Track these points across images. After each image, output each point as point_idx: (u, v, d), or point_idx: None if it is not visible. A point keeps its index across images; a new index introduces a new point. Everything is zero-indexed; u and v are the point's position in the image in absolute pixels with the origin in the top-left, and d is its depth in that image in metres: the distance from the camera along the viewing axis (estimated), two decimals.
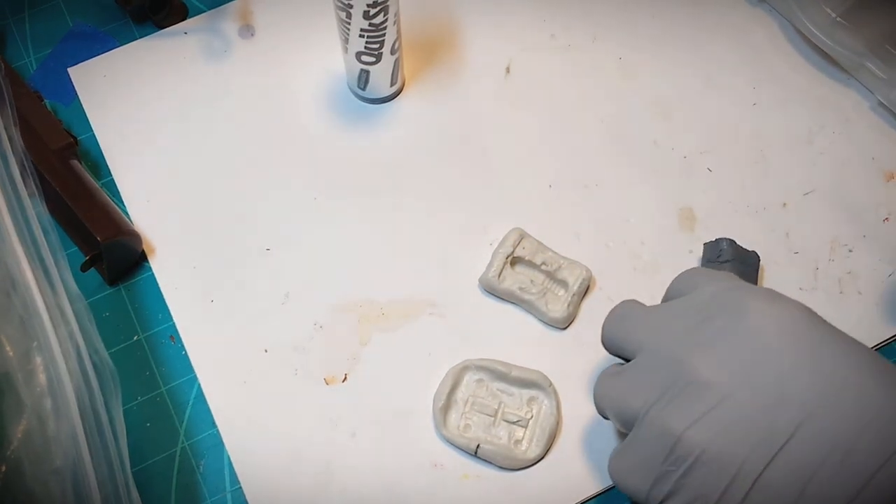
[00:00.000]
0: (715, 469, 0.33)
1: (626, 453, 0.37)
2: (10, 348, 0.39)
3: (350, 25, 0.46)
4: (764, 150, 0.52)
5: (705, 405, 0.34)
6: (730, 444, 0.33)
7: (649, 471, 0.35)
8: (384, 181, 0.51)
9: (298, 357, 0.47)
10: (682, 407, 0.35)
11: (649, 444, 0.35)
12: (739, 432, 0.33)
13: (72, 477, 0.37)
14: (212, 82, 0.54)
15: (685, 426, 0.34)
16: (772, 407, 0.33)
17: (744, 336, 0.35)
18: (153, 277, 0.49)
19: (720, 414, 0.34)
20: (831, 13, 0.52)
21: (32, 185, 0.43)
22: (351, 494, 0.44)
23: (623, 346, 0.40)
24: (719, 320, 0.36)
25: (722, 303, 0.37)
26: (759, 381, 0.34)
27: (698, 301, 0.38)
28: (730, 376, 0.34)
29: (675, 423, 0.34)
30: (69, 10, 0.57)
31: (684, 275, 0.41)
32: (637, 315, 0.40)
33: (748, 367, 0.34)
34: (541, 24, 0.56)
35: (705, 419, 0.34)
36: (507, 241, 0.48)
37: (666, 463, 0.35)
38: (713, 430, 0.34)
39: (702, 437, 0.34)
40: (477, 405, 0.45)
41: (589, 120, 0.53)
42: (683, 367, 0.35)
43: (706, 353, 0.35)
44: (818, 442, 0.32)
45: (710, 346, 0.35)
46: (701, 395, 0.34)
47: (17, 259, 0.40)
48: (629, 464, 0.37)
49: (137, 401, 0.46)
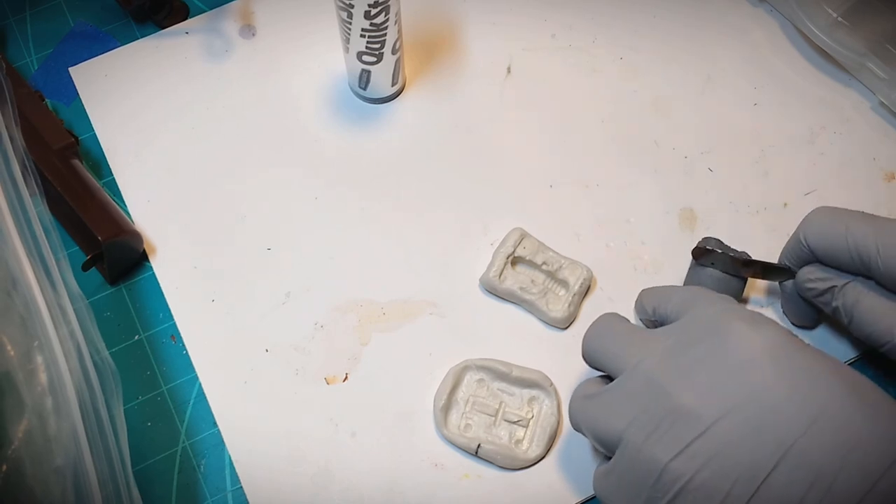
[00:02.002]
0: (700, 498, 0.34)
1: (611, 475, 0.37)
2: (11, 347, 0.39)
3: (351, 25, 0.46)
4: (765, 150, 0.52)
5: (690, 434, 0.34)
6: (714, 474, 0.34)
7: (636, 496, 0.36)
8: (385, 181, 0.51)
9: (299, 357, 0.47)
10: (666, 435, 0.35)
11: (635, 471, 0.36)
12: (724, 462, 0.34)
13: (72, 476, 0.37)
14: (213, 82, 0.54)
15: (670, 456, 0.34)
16: (755, 436, 0.33)
17: (725, 363, 0.35)
18: (154, 277, 0.49)
19: (705, 443, 0.34)
20: (832, 13, 0.52)
21: (33, 185, 0.43)
22: (351, 494, 0.44)
23: (603, 362, 0.40)
24: (701, 346, 0.36)
25: (703, 327, 0.37)
26: (742, 409, 0.34)
27: (680, 324, 0.38)
28: (713, 405, 0.34)
29: (660, 452, 0.35)
30: (70, 9, 0.57)
31: (665, 293, 0.41)
32: (618, 333, 0.40)
33: (730, 396, 0.34)
34: (541, 25, 0.56)
35: (690, 449, 0.34)
36: (508, 241, 0.48)
37: (652, 490, 0.35)
38: (698, 460, 0.34)
39: (687, 467, 0.34)
40: (478, 405, 0.45)
41: (590, 120, 0.53)
42: (666, 393, 0.35)
43: (688, 379, 0.35)
44: (801, 473, 0.33)
45: (692, 373, 0.35)
46: (685, 424, 0.35)
47: (18, 258, 0.40)
48: (615, 486, 0.37)
49: (138, 400, 0.46)
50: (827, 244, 0.40)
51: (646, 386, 0.36)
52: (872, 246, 0.39)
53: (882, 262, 0.38)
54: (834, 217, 0.41)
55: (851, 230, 0.39)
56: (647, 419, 0.36)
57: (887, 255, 0.38)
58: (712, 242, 0.46)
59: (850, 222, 0.40)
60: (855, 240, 0.39)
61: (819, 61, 0.54)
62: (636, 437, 0.36)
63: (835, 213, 0.41)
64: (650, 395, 0.36)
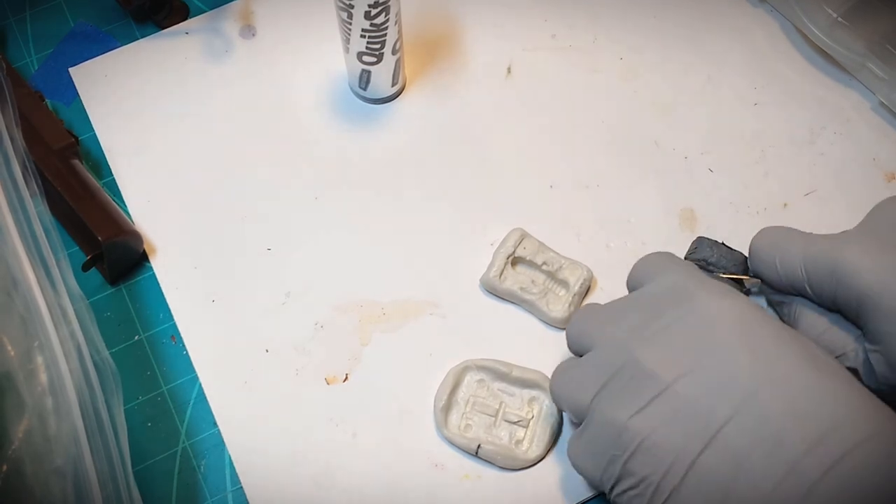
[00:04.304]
0: (656, 455, 0.35)
1: (580, 439, 0.39)
2: (11, 348, 0.39)
3: (351, 26, 0.46)
4: (765, 151, 0.52)
5: (649, 394, 0.36)
6: (670, 432, 0.35)
7: (601, 456, 0.37)
8: (385, 181, 0.51)
9: (299, 357, 0.47)
10: (626, 397, 0.37)
11: (599, 432, 0.37)
12: (680, 420, 0.35)
13: (73, 476, 0.37)
14: (213, 82, 0.54)
15: (629, 415, 0.36)
16: (712, 396, 0.35)
17: (690, 327, 0.37)
18: (154, 277, 0.49)
19: (663, 402, 0.36)
20: (832, 13, 0.52)
21: (34, 185, 0.43)
22: (351, 494, 0.44)
23: (581, 343, 0.41)
24: (668, 313, 0.38)
25: (672, 295, 0.39)
26: (702, 371, 0.36)
27: (650, 294, 0.40)
28: (673, 367, 0.36)
29: (620, 412, 0.37)
30: (70, 9, 0.57)
31: (641, 263, 0.42)
32: (594, 312, 0.41)
33: (692, 358, 0.36)
34: (542, 25, 0.56)
35: (648, 408, 0.36)
36: (508, 241, 0.48)
37: (614, 448, 0.37)
38: (655, 419, 0.36)
39: (644, 425, 0.36)
40: (478, 405, 0.45)
41: (590, 120, 0.53)
42: (629, 359, 0.37)
43: (652, 345, 0.37)
44: (751, 430, 0.34)
45: (656, 339, 0.37)
46: (646, 385, 0.36)
47: (18, 258, 0.40)
48: (583, 449, 0.39)
49: (138, 400, 0.46)
50: (767, 277, 0.43)
51: (614, 354, 0.38)
52: (801, 278, 0.40)
53: (813, 294, 0.40)
54: (768, 245, 0.42)
55: (782, 264, 0.41)
56: (613, 384, 0.37)
57: (813, 288, 0.40)
58: (706, 242, 0.45)
59: (781, 251, 0.41)
60: (787, 275, 0.41)
61: (819, 61, 0.54)
62: (602, 401, 0.38)
63: (768, 241, 0.42)
64: (617, 362, 0.38)
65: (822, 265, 0.39)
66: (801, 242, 0.41)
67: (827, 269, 0.39)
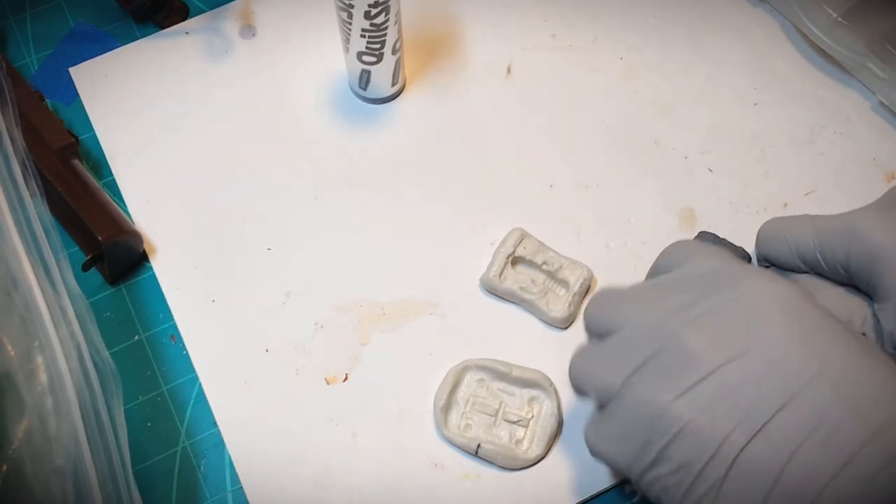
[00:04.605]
0: (699, 441, 0.33)
1: (606, 422, 0.37)
2: (11, 348, 0.39)
3: (351, 25, 0.46)
4: (765, 151, 0.52)
5: (693, 378, 0.34)
6: (715, 418, 0.33)
7: (632, 440, 0.35)
8: (385, 181, 0.51)
9: (299, 357, 0.47)
10: (668, 379, 0.35)
11: (632, 414, 0.35)
12: (726, 406, 0.33)
13: (73, 476, 0.37)
14: (213, 82, 0.54)
15: (671, 398, 0.34)
16: (761, 382, 0.33)
17: (739, 312, 0.35)
18: (154, 277, 0.49)
19: (707, 386, 0.34)
20: (832, 13, 0.52)
21: (34, 185, 0.43)
22: (351, 494, 0.44)
23: (606, 322, 0.39)
24: (714, 297, 0.36)
25: (718, 279, 0.37)
26: (749, 356, 0.34)
27: (688, 276, 0.38)
28: (720, 351, 0.34)
29: (661, 394, 0.34)
30: (70, 9, 0.57)
31: (673, 248, 0.41)
32: (618, 293, 0.40)
33: (740, 343, 0.34)
34: (542, 24, 0.56)
35: (692, 391, 0.34)
36: (508, 241, 0.48)
37: (650, 432, 0.35)
38: (699, 403, 0.34)
39: (687, 409, 0.34)
40: (478, 405, 0.45)
41: (590, 120, 0.53)
42: (672, 340, 0.35)
43: (697, 327, 0.35)
44: (803, 419, 0.32)
45: (701, 321, 0.35)
46: (689, 368, 0.34)
47: (18, 258, 0.40)
48: (609, 433, 0.37)
49: (138, 400, 0.46)
50: (775, 253, 0.42)
51: (650, 334, 0.36)
52: (812, 246, 0.40)
53: (823, 261, 0.40)
54: (776, 226, 0.42)
55: (792, 236, 0.41)
56: (651, 365, 0.35)
57: (825, 253, 0.40)
58: (709, 237, 0.45)
59: (790, 228, 0.41)
60: (797, 245, 0.41)
61: (819, 61, 0.54)
62: (638, 382, 0.35)
63: (777, 223, 0.43)
64: (655, 343, 0.36)
65: (835, 230, 0.39)
66: (811, 218, 0.41)
67: (839, 232, 0.39)
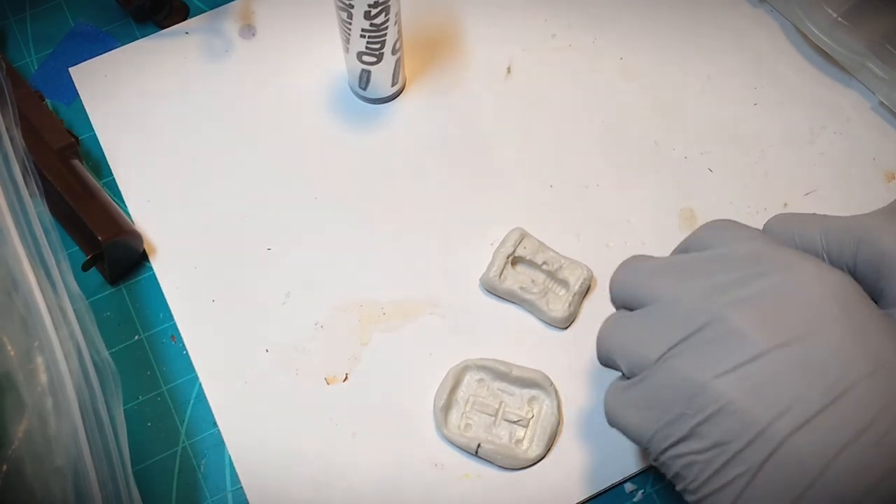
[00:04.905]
0: (740, 423, 0.32)
1: (632, 391, 0.36)
2: (11, 348, 0.39)
3: (351, 26, 0.46)
4: (765, 151, 0.52)
5: (739, 358, 0.33)
6: (759, 402, 0.32)
7: (660, 412, 0.34)
8: (385, 181, 0.51)
9: (299, 357, 0.47)
10: (712, 356, 0.33)
11: (665, 387, 0.34)
12: (773, 391, 0.32)
13: (73, 476, 0.37)
14: (213, 82, 0.54)
15: (714, 375, 0.33)
16: (812, 373, 0.32)
17: (791, 297, 0.34)
18: (154, 277, 0.49)
19: (756, 368, 0.32)
20: (832, 13, 0.52)
21: (34, 185, 0.43)
22: (351, 494, 0.44)
23: (638, 294, 0.38)
24: (765, 279, 0.34)
25: (766, 261, 0.35)
26: (802, 344, 0.32)
27: (733, 257, 0.36)
28: (770, 335, 0.33)
29: (702, 370, 0.33)
30: (70, 9, 0.57)
31: (708, 228, 0.40)
32: (655, 264, 0.38)
33: (791, 329, 0.33)
34: (542, 25, 0.56)
35: (737, 371, 0.32)
36: (508, 241, 0.48)
37: (685, 406, 0.33)
38: (745, 384, 0.32)
39: (731, 388, 0.32)
40: (478, 405, 0.45)
41: (590, 120, 0.53)
42: (718, 318, 0.34)
43: (747, 307, 0.34)
44: (855, 417, 0.31)
45: (750, 302, 0.34)
46: (735, 347, 0.33)
47: (18, 259, 0.40)
48: (634, 401, 0.35)
49: (138, 400, 0.46)
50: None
51: (693, 310, 0.34)
52: (819, 245, 0.39)
53: (829, 261, 0.39)
54: (784, 222, 0.41)
55: (799, 233, 0.40)
56: (692, 341, 0.34)
57: (832, 253, 0.39)
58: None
59: (798, 225, 0.40)
60: (803, 242, 0.39)
61: (819, 61, 0.54)
62: (678, 357, 0.34)
63: (785, 218, 0.41)
64: (697, 319, 0.34)
65: (844, 230, 0.38)
66: (820, 217, 0.40)
67: (849, 233, 0.37)
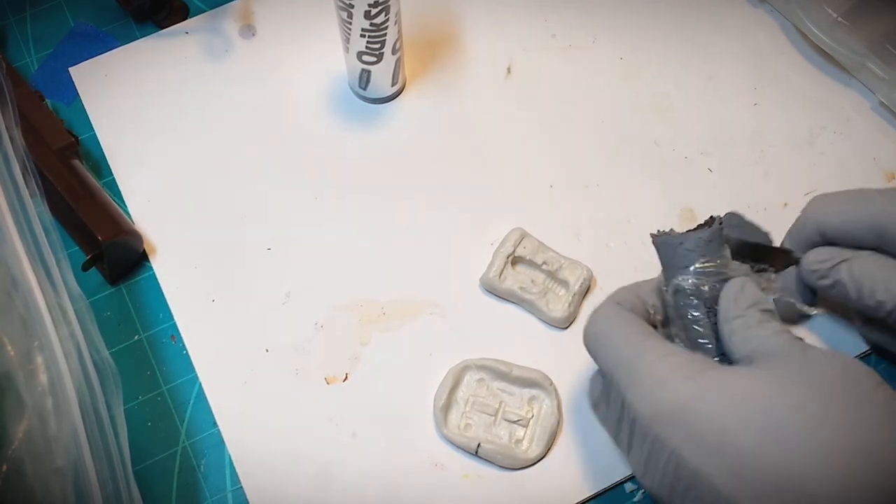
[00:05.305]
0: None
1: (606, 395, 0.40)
2: (11, 348, 0.39)
3: (351, 25, 0.46)
4: (765, 151, 0.52)
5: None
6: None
7: (645, 466, 0.37)
8: (385, 181, 0.51)
9: (299, 357, 0.47)
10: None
11: (665, 466, 0.36)
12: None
13: (73, 476, 0.37)
14: (213, 82, 0.54)
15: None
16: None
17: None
18: (154, 277, 0.49)
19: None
20: (832, 13, 0.52)
21: (34, 185, 0.43)
22: (351, 494, 0.44)
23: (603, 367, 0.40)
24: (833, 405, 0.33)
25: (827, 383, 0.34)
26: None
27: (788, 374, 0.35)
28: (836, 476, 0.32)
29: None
30: (70, 9, 0.57)
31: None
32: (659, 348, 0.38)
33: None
34: (542, 25, 0.56)
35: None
36: (508, 241, 0.48)
37: (674, 486, 0.35)
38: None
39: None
40: (477, 405, 0.45)
41: (590, 120, 0.53)
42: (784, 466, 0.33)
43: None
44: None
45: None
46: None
47: (18, 259, 0.40)
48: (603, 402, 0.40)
49: (138, 400, 0.46)
50: (843, 220, 0.41)
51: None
52: (885, 215, 0.39)
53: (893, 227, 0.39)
54: (845, 196, 0.41)
55: (867, 204, 0.40)
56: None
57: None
58: (735, 220, 0.43)
59: (863, 198, 0.40)
60: (872, 212, 0.40)
61: (819, 61, 0.54)
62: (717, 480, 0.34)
63: (848, 195, 0.41)
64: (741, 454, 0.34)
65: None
66: (876, 192, 0.40)
67: None
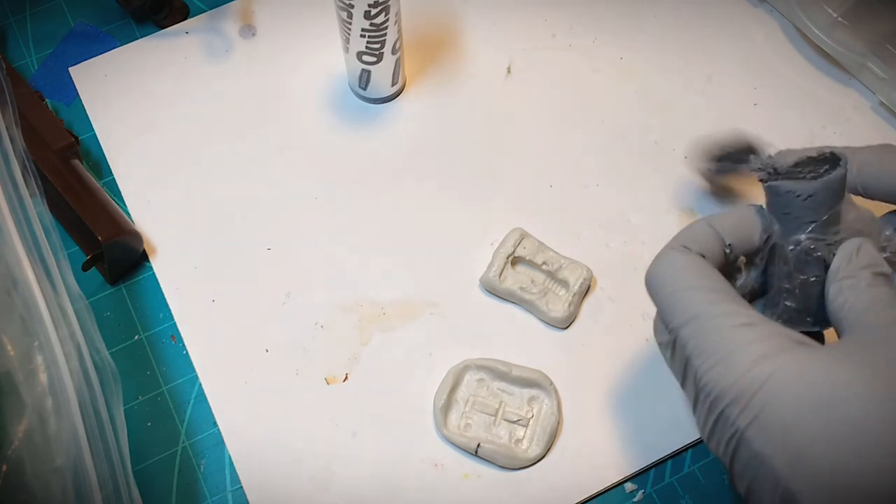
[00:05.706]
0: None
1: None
2: (11, 348, 0.39)
3: (351, 25, 0.46)
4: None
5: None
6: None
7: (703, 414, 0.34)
8: (385, 181, 0.51)
9: (299, 357, 0.47)
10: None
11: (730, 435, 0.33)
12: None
13: (73, 476, 0.37)
14: (213, 82, 0.54)
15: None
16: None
17: None
18: (154, 277, 0.49)
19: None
20: (832, 13, 0.52)
21: (34, 185, 0.43)
22: (351, 494, 0.44)
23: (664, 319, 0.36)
24: None
25: None
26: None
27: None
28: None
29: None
30: (70, 9, 0.57)
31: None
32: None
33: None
34: (542, 24, 0.56)
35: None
36: (508, 241, 0.48)
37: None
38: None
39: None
40: (477, 404, 0.45)
41: (590, 120, 0.53)
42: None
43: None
44: None
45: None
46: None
47: (18, 258, 0.40)
48: (669, 350, 0.35)
49: (138, 400, 0.46)
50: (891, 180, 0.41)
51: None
52: None
53: None
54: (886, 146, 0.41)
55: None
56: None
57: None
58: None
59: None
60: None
61: (819, 62, 0.54)
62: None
63: (883, 146, 0.41)
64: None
65: None
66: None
67: None
